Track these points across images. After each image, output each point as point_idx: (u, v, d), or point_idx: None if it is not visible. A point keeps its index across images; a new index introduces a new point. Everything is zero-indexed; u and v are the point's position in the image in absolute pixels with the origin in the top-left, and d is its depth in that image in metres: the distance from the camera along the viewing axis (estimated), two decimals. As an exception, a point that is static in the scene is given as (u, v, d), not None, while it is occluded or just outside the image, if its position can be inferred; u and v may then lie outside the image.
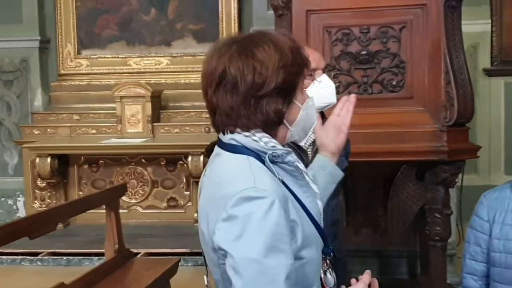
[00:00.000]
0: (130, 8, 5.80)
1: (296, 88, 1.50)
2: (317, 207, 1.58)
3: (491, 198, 2.42)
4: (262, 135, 1.49)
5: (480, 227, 2.42)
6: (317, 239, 1.55)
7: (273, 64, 1.44)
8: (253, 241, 1.37)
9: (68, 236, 5.00)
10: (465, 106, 3.13)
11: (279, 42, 1.47)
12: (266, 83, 1.43)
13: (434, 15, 3.18)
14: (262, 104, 1.45)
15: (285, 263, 1.39)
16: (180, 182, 5.41)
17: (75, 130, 5.60)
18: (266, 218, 1.38)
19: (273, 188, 1.42)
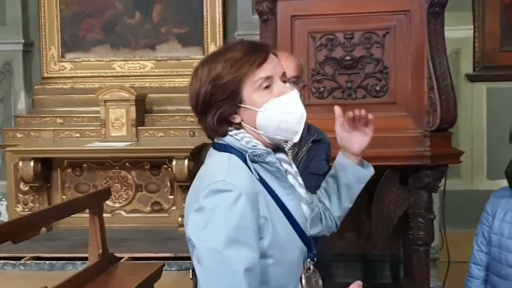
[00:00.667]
0: (114, 11, 5.78)
1: (238, 94, 1.53)
2: (301, 210, 1.60)
3: (496, 195, 2.59)
4: (244, 135, 1.56)
5: (486, 220, 2.59)
6: (295, 242, 1.56)
7: (200, 81, 1.56)
8: (216, 232, 1.43)
9: (51, 240, 4.97)
10: (448, 111, 3.16)
11: (215, 56, 1.58)
12: (200, 104, 1.57)
13: (417, 21, 3.20)
14: (206, 115, 1.57)
15: (247, 255, 1.43)
16: (164, 186, 5.40)
17: (59, 133, 5.57)
18: (231, 210, 1.43)
19: (242, 184, 1.47)
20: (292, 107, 1.56)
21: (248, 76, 1.53)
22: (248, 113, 1.55)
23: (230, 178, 1.47)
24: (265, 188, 1.53)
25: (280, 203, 1.55)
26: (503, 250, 2.46)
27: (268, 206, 1.51)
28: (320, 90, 3.29)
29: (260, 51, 1.56)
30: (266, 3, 3.24)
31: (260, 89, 1.54)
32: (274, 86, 1.55)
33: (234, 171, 1.50)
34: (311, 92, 3.29)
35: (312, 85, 3.28)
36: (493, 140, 5.08)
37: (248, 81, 1.53)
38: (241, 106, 1.55)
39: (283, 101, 1.55)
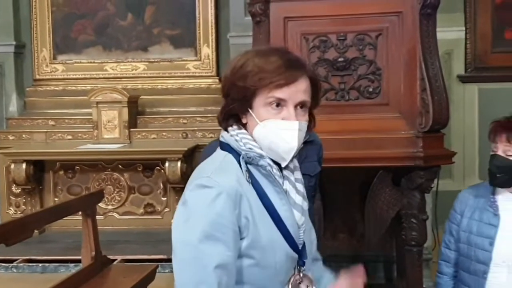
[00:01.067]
0: (106, 13, 5.76)
1: (251, 98, 1.57)
2: (292, 217, 1.61)
3: (465, 194, 2.72)
4: (244, 136, 1.60)
5: (454, 219, 2.72)
6: (280, 246, 1.57)
7: (231, 71, 1.60)
8: (193, 226, 1.48)
9: (43, 242, 4.95)
10: (440, 112, 3.18)
11: (254, 55, 1.60)
12: (224, 88, 1.63)
13: (409, 22, 3.22)
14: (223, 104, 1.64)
15: (220, 252, 1.47)
16: (157, 188, 5.38)
17: (51, 135, 5.55)
18: (210, 207, 1.48)
19: (226, 183, 1.51)
20: (287, 136, 1.57)
21: (264, 91, 1.55)
22: (251, 120, 1.59)
23: (216, 175, 1.52)
24: (256, 190, 1.56)
25: (270, 207, 1.57)
26: (472, 247, 2.57)
27: (253, 208, 1.54)
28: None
29: (290, 72, 1.55)
30: (259, 4, 3.25)
31: (269, 106, 1.57)
32: (284, 109, 1.57)
33: (222, 170, 1.55)
34: (304, 94, 3.29)
35: (305, 87, 3.29)
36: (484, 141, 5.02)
37: (263, 95, 1.56)
38: (249, 111, 1.59)
39: (283, 125, 1.56)
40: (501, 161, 2.51)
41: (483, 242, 2.55)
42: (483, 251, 2.54)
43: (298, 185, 1.66)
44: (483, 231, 2.57)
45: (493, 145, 2.58)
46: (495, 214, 2.56)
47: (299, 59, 1.62)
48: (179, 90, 5.58)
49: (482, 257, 2.55)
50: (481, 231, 2.57)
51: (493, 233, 2.53)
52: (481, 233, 2.57)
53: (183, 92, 5.52)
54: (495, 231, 2.53)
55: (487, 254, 2.53)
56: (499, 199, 2.60)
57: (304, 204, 1.66)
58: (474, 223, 2.60)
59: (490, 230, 2.55)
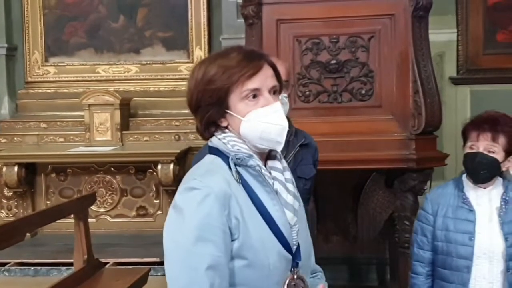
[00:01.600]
0: (98, 15, 5.74)
1: (225, 98, 1.58)
2: (284, 217, 1.60)
3: (435, 194, 2.76)
4: (231, 138, 1.61)
5: (425, 219, 2.74)
6: (273, 247, 1.57)
7: (195, 81, 1.61)
8: (183, 228, 1.49)
9: (35, 246, 4.92)
10: (432, 114, 3.19)
11: (212, 59, 1.62)
12: (192, 101, 1.62)
13: (402, 25, 3.23)
14: (197, 114, 1.63)
15: (210, 253, 1.48)
16: (149, 191, 5.37)
17: (43, 138, 5.52)
18: (198, 208, 1.49)
19: (214, 184, 1.52)
20: (274, 118, 1.59)
21: (237, 86, 1.57)
22: (233, 119, 1.60)
23: (203, 177, 1.54)
24: (246, 192, 1.57)
25: (261, 207, 1.57)
26: (451, 243, 2.62)
27: (243, 209, 1.54)
28: (306, 94, 3.31)
29: (254, 62, 1.59)
30: (252, 7, 3.26)
31: (246, 99, 1.58)
32: (261, 97, 1.59)
33: (210, 171, 1.57)
34: (297, 96, 3.31)
35: (298, 89, 3.30)
36: (477, 143, 5.10)
37: (236, 90, 1.57)
38: (227, 112, 1.59)
39: (265, 112, 1.58)
40: (485, 158, 2.56)
41: (463, 238, 2.60)
42: (464, 246, 2.59)
43: (288, 185, 1.65)
44: (461, 227, 2.62)
45: (471, 143, 2.60)
46: (470, 210, 2.62)
47: (255, 50, 1.68)
48: (171, 92, 5.56)
49: (464, 252, 2.60)
50: (459, 228, 2.62)
51: (471, 228, 2.59)
52: (459, 229, 2.62)
53: (175, 94, 5.51)
54: (473, 226, 2.59)
55: (469, 249, 2.59)
56: (470, 195, 2.65)
57: (295, 204, 1.65)
58: (450, 220, 2.65)
59: (468, 226, 2.60)
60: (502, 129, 2.57)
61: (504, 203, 2.61)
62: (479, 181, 2.64)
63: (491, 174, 2.60)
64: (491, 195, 2.64)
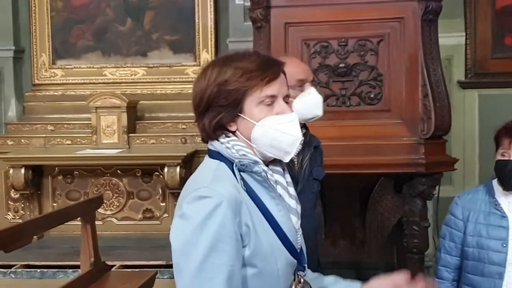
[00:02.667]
0: (105, 18, 5.75)
1: (240, 104, 1.54)
2: (290, 222, 1.59)
3: (465, 199, 2.74)
4: (235, 143, 1.57)
5: (455, 225, 2.73)
6: (281, 253, 1.55)
7: (208, 82, 1.57)
8: (195, 239, 1.44)
9: (42, 248, 4.92)
10: (442, 119, 3.17)
11: (227, 61, 1.58)
12: (202, 101, 1.59)
13: (411, 28, 3.21)
14: (204, 116, 1.59)
15: (225, 263, 1.44)
16: (156, 193, 5.36)
17: (50, 140, 5.53)
18: (211, 218, 1.44)
19: (224, 191, 1.48)
20: (289, 128, 1.57)
21: (255, 90, 1.54)
22: (245, 124, 1.56)
23: (213, 184, 1.49)
24: (251, 198, 1.54)
25: (267, 213, 1.54)
26: (484, 250, 2.61)
27: (252, 215, 1.51)
28: (318, 97, 3.28)
29: (273, 68, 1.57)
30: (260, 10, 3.24)
31: (261, 104, 1.55)
32: (276, 104, 1.57)
33: (218, 178, 1.52)
34: (305, 100, 3.28)
35: (306, 93, 3.28)
36: (485, 147, 5.08)
37: (253, 95, 1.55)
38: (240, 116, 1.56)
39: (281, 120, 1.56)
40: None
41: (496, 245, 2.60)
42: (498, 252, 2.59)
43: (290, 188, 1.64)
44: (494, 234, 2.61)
45: (503, 150, 2.59)
46: (502, 216, 2.62)
47: (272, 57, 1.66)
48: (178, 95, 5.56)
49: (496, 259, 2.59)
50: (492, 234, 2.62)
51: (505, 234, 2.59)
52: (492, 235, 2.61)
53: (182, 97, 5.50)
54: (506, 232, 2.59)
55: (502, 256, 2.58)
56: (502, 201, 2.64)
57: (298, 207, 1.63)
58: (482, 226, 2.64)
59: (501, 232, 2.60)
60: None
61: None
62: (510, 188, 2.63)
63: None
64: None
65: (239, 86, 1.54)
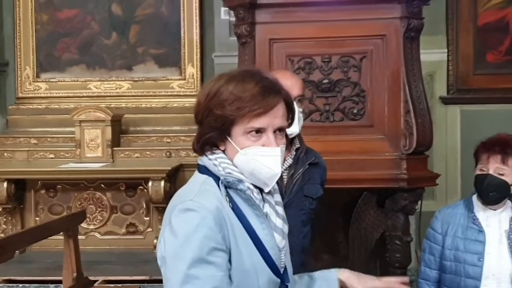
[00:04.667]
0: (90, 31, 5.75)
1: (229, 127, 1.55)
2: (273, 240, 1.59)
3: (445, 214, 2.80)
4: (222, 160, 1.58)
5: (434, 238, 2.79)
6: (262, 270, 1.56)
7: (207, 96, 1.56)
8: (182, 251, 1.46)
9: (24, 263, 4.88)
10: (424, 134, 3.20)
11: (230, 80, 1.56)
12: (199, 113, 1.59)
13: (393, 45, 3.26)
14: (199, 130, 1.60)
15: (212, 274, 1.46)
16: (139, 208, 5.34)
17: (33, 154, 5.50)
18: (196, 231, 1.46)
19: (210, 205, 1.50)
20: (269, 162, 1.56)
21: (243, 120, 1.54)
22: (231, 147, 1.57)
23: (198, 198, 1.51)
24: (236, 215, 1.54)
25: (251, 231, 1.55)
26: (461, 263, 2.67)
27: (235, 232, 1.52)
28: (300, 112, 3.31)
29: (267, 99, 1.54)
30: (245, 26, 3.27)
31: (248, 134, 1.55)
32: (264, 136, 1.56)
33: (204, 192, 1.53)
34: (289, 115, 3.31)
35: (290, 108, 3.30)
36: (466, 162, 5.10)
37: (242, 124, 1.54)
38: (227, 139, 1.57)
39: (264, 152, 1.55)
40: (494, 180, 2.60)
41: (472, 258, 2.64)
42: (474, 266, 2.64)
43: (278, 208, 1.64)
44: (470, 248, 2.66)
45: (481, 165, 2.64)
46: (480, 231, 2.66)
47: (275, 84, 1.60)
48: (163, 109, 5.57)
49: (472, 272, 2.64)
50: (469, 248, 2.66)
51: (481, 249, 2.64)
52: (469, 249, 2.66)
53: (167, 111, 5.51)
54: (483, 246, 2.64)
55: (478, 269, 2.63)
56: (480, 216, 2.69)
57: (284, 227, 1.64)
58: (460, 240, 2.69)
59: (478, 246, 2.65)
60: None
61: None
62: (488, 203, 2.68)
63: (501, 196, 2.65)
64: (501, 217, 2.69)
65: (229, 113, 1.53)
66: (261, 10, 3.30)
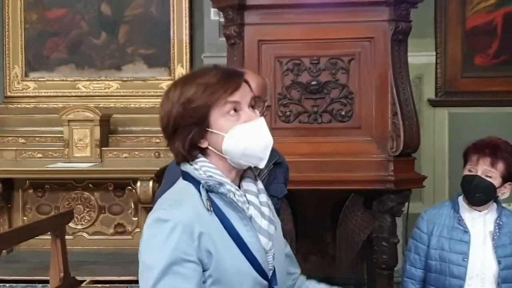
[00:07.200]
0: (80, 31, 5.74)
1: (207, 119, 1.55)
2: (258, 242, 1.57)
3: (431, 214, 2.82)
4: (203, 164, 1.57)
5: (419, 238, 2.81)
6: (248, 274, 1.55)
7: (172, 103, 1.56)
8: (151, 261, 1.47)
9: (11, 262, 4.86)
10: (411, 137, 3.22)
11: (188, 80, 1.59)
12: (169, 124, 1.57)
13: (381, 48, 3.28)
14: (175, 138, 1.57)
15: (179, 286, 1.45)
16: (128, 208, 5.34)
17: (21, 153, 5.47)
18: (166, 241, 1.46)
19: (183, 215, 1.49)
20: (259, 133, 1.57)
21: (219, 102, 1.55)
22: (215, 137, 1.56)
23: (172, 207, 1.51)
24: (219, 219, 1.53)
25: (235, 234, 1.54)
26: (445, 263, 2.70)
27: (216, 238, 1.51)
28: (286, 114, 3.33)
29: (234, 79, 1.58)
30: (234, 27, 3.28)
31: (227, 115, 1.56)
32: (242, 113, 1.57)
33: (180, 201, 1.53)
34: (278, 116, 3.33)
35: (278, 109, 3.32)
36: (454, 164, 5.15)
37: (218, 107, 1.55)
38: (208, 130, 1.56)
39: (249, 127, 1.56)
40: (482, 181, 2.63)
41: (457, 258, 2.68)
42: (458, 266, 2.67)
43: (263, 208, 1.62)
44: (455, 248, 2.69)
45: (470, 166, 2.67)
46: (465, 231, 2.70)
47: (232, 68, 1.68)
48: (152, 109, 5.54)
49: (457, 272, 2.67)
50: (454, 248, 2.70)
51: (466, 249, 2.67)
52: (454, 249, 2.69)
53: (156, 112, 5.32)
54: (467, 246, 2.67)
55: (462, 269, 2.66)
56: (465, 217, 2.73)
57: (270, 228, 1.62)
58: (445, 240, 2.72)
59: (463, 246, 2.68)
60: (501, 155, 2.65)
61: (498, 227, 2.69)
62: (474, 203, 2.71)
63: (487, 197, 2.68)
64: (486, 218, 2.72)
65: (203, 101, 1.54)
66: (250, 11, 3.31)
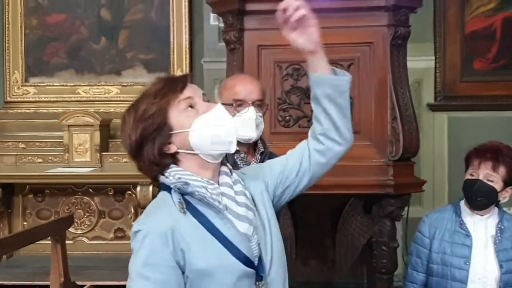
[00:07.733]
0: (79, 36, 5.75)
1: (166, 122, 1.60)
2: (238, 233, 1.60)
3: (433, 218, 2.85)
4: (173, 169, 1.62)
5: (421, 242, 2.83)
6: (233, 266, 1.58)
7: (129, 124, 1.63)
8: (130, 270, 1.57)
9: (11, 267, 4.86)
10: (410, 141, 3.23)
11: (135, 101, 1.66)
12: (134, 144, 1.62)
13: (380, 52, 3.28)
14: (143, 152, 1.62)
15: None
16: (128, 213, 5.34)
17: (21, 158, 5.47)
18: (140, 249, 1.55)
19: (154, 223, 1.57)
20: (220, 120, 1.62)
21: (173, 103, 1.60)
22: (180, 137, 1.61)
23: (145, 218, 1.60)
24: (196, 219, 1.58)
25: (214, 230, 1.58)
26: (447, 267, 2.72)
27: (192, 239, 1.56)
28: (286, 118, 3.33)
29: (179, 79, 1.65)
30: (233, 32, 3.29)
31: (185, 111, 1.61)
32: (198, 106, 1.62)
33: (154, 210, 1.61)
34: (277, 121, 3.33)
35: (278, 114, 3.33)
36: (454, 168, 5.16)
37: (174, 106, 1.60)
38: (172, 134, 1.60)
39: (210, 116, 1.61)
40: (483, 186, 2.65)
41: (459, 262, 2.70)
42: (460, 270, 2.69)
43: (238, 197, 1.65)
44: (457, 251, 2.71)
45: (472, 171, 2.68)
46: (467, 235, 2.72)
47: (173, 74, 1.75)
48: (152, 114, 5.56)
49: (459, 276, 2.69)
50: (456, 252, 2.71)
51: (467, 253, 2.69)
52: (456, 253, 2.71)
53: (156, 115, 5.50)
54: (469, 250, 2.69)
55: (464, 273, 2.68)
56: (467, 221, 2.75)
57: (249, 213, 1.64)
58: (447, 244, 2.74)
59: (465, 250, 2.70)
60: (503, 160, 2.67)
61: (500, 232, 2.71)
62: (476, 207, 2.73)
63: (488, 201, 2.70)
64: (487, 223, 2.74)
65: (158, 107, 1.60)
66: (250, 16, 3.32)
